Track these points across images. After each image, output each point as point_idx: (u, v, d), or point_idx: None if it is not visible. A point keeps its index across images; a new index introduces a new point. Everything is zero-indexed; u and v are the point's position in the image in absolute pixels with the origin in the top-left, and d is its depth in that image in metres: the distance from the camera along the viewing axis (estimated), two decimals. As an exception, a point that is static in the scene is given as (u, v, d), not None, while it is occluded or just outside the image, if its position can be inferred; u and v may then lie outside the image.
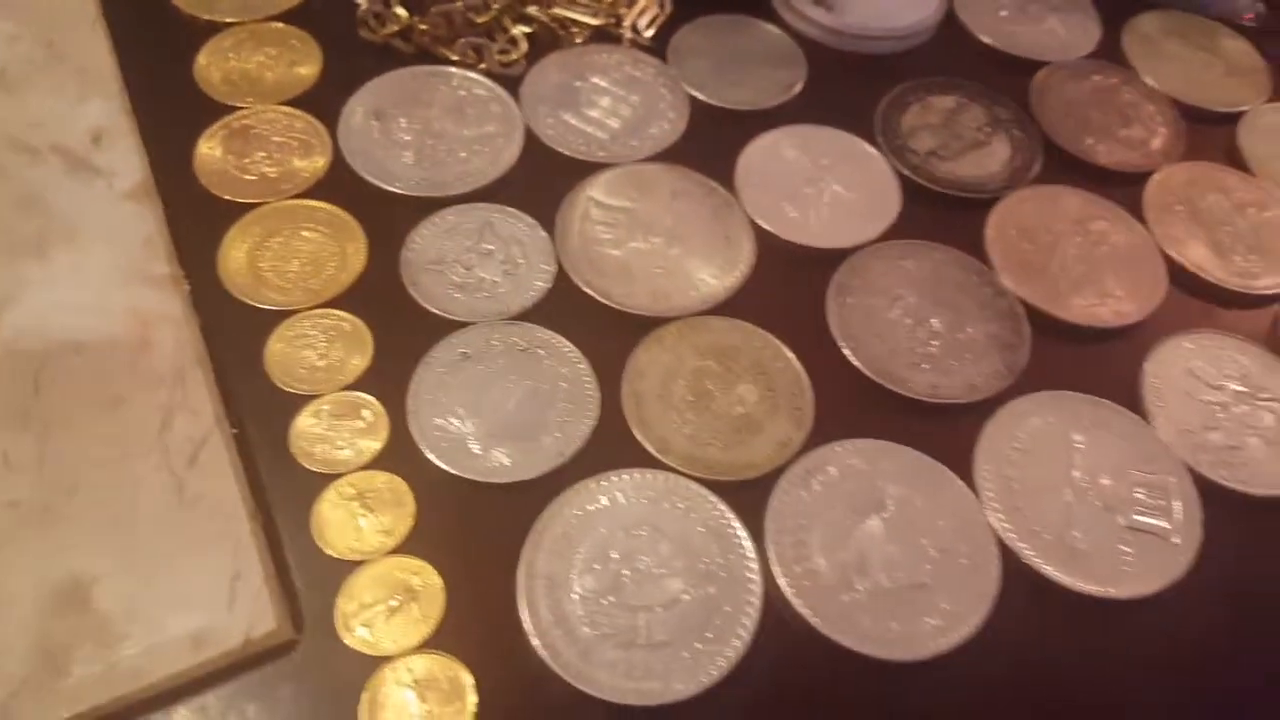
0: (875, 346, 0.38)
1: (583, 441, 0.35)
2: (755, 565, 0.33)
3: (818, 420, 0.36)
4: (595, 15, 0.46)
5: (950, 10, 0.49)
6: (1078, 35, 0.49)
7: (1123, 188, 0.44)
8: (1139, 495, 0.35)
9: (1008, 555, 0.34)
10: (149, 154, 0.41)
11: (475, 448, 0.35)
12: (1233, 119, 0.47)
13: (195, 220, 0.39)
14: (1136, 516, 0.35)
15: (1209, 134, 0.47)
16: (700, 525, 0.34)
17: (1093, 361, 0.39)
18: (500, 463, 0.34)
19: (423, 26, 0.44)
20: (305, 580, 0.32)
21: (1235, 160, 0.46)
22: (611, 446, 0.35)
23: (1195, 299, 0.41)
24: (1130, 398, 0.38)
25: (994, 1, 0.50)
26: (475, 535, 0.33)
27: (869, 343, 0.38)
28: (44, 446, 0.34)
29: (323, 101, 0.43)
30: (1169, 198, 0.44)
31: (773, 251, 0.41)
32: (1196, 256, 0.42)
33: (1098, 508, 0.35)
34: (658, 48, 0.46)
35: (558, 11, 0.46)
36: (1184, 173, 0.44)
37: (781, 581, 0.33)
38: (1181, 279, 0.41)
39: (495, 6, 0.45)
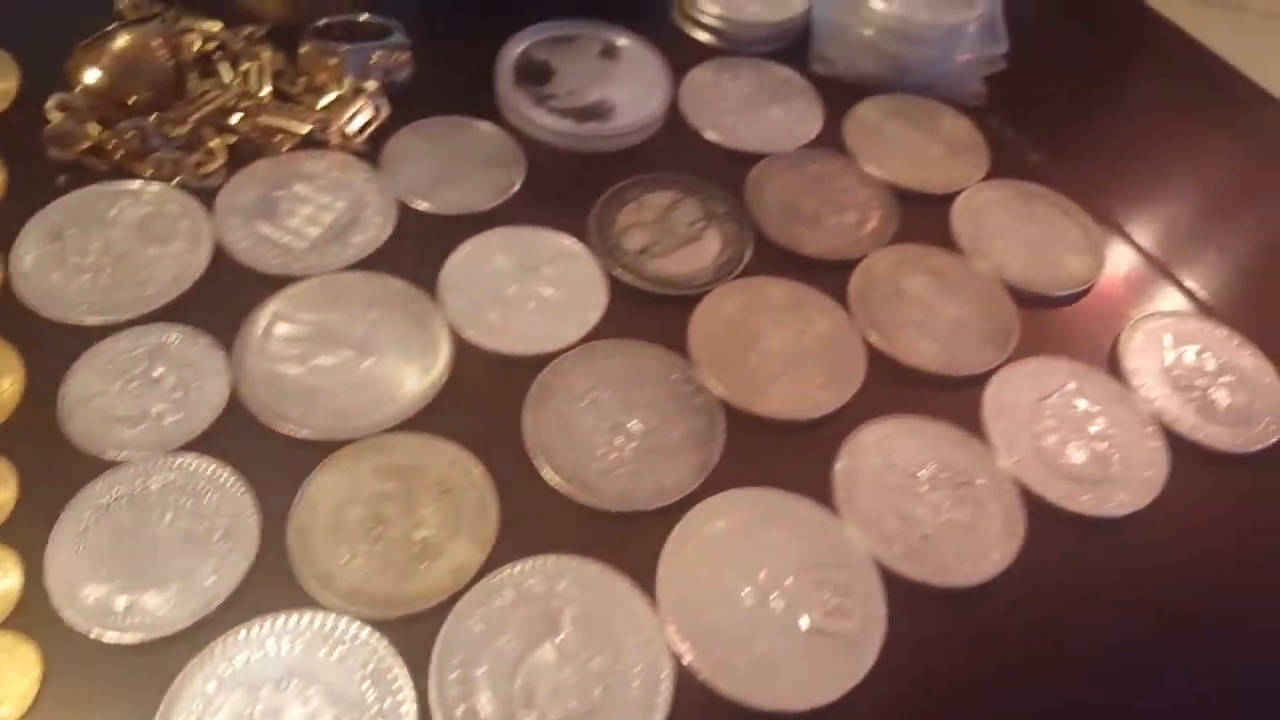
0: (569, 455, 0.37)
1: (236, 586, 0.33)
2: (412, 711, 0.31)
3: (502, 540, 0.35)
4: (303, 122, 0.45)
5: (676, 105, 0.50)
6: (800, 124, 0.51)
7: (832, 275, 0.45)
8: (825, 595, 0.35)
9: (682, 673, 0.33)
10: None
11: (118, 602, 0.32)
12: (951, 199, 0.49)
13: None
14: (819, 618, 0.34)
15: (925, 216, 0.48)
16: (359, 670, 0.32)
17: (789, 455, 0.39)
18: (143, 618, 0.32)
19: (113, 143, 0.43)
20: (-94, 768, 0.30)
21: (949, 241, 0.47)
22: (270, 588, 0.33)
23: (899, 385, 0.42)
24: (825, 491, 0.38)
25: (719, 93, 0.51)
26: (110, 700, 0.31)
27: (562, 452, 0.37)
28: None
29: (2, 225, 0.41)
30: (873, 283, 0.44)
31: (473, 360, 0.40)
32: (899, 341, 0.43)
33: (779, 611, 0.34)
34: (371, 153, 0.46)
35: (264, 120, 0.45)
36: (892, 256, 0.46)
37: (437, 725, 0.31)
38: (885, 365, 0.42)
39: (193, 119, 0.44)
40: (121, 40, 0.43)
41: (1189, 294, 0.48)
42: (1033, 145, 0.53)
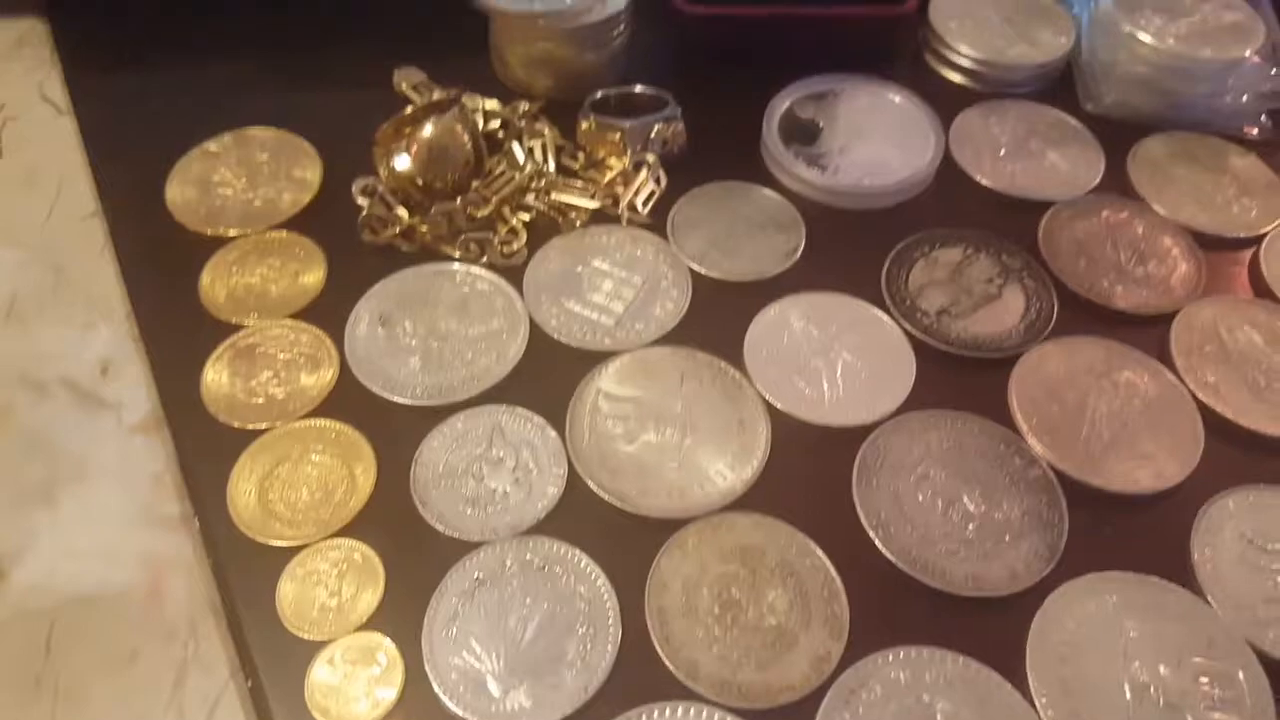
0: (907, 534, 0.36)
1: (606, 673, 0.33)
2: (801, 804, 0.30)
3: (854, 626, 0.34)
4: (593, 198, 0.45)
5: (947, 154, 0.48)
6: (1081, 168, 0.48)
7: (1146, 330, 0.42)
8: (1204, 685, 0.32)
9: (1072, 772, 0.31)
10: (156, 382, 0.41)
11: (494, 688, 0.32)
12: (1253, 243, 0.45)
13: (204, 451, 0.38)
14: (1204, 711, 0.32)
15: (1230, 262, 0.45)
16: (739, 760, 0.31)
17: (1137, 533, 0.36)
18: (521, 704, 0.32)
19: (423, 228, 0.44)
20: None
21: (1261, 288, 0.44)
22: (637, 675, 0.33)
23: (1237, 449, 0.39)
24: (1181, 572, 0.35)
25: (992, 141, 0.49)
26: (502, 790, 0.31)
27: (900, 530, 0.36)
28: (55, 715, 0.32)
29: (329, 310, 0.43)
30: (1197, 338, 0.41)
31: (789, 433, 0.39)
32: (1234, 402, 0.39)
33: (1160, 706, 0.32)
34: (657, 224, 0.46)
35: (556, 198, 0.45)
36: (1209, 309, 0.42)
37: (831, 824, 0.30)
38: (1220, 428, 0.39)
39: (494, 199, 0.44)
40: (430, 128, 0.44)
41: None
42: (1327, 178, 0.49)
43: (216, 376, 0.40)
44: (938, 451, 0.38)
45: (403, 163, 0.43)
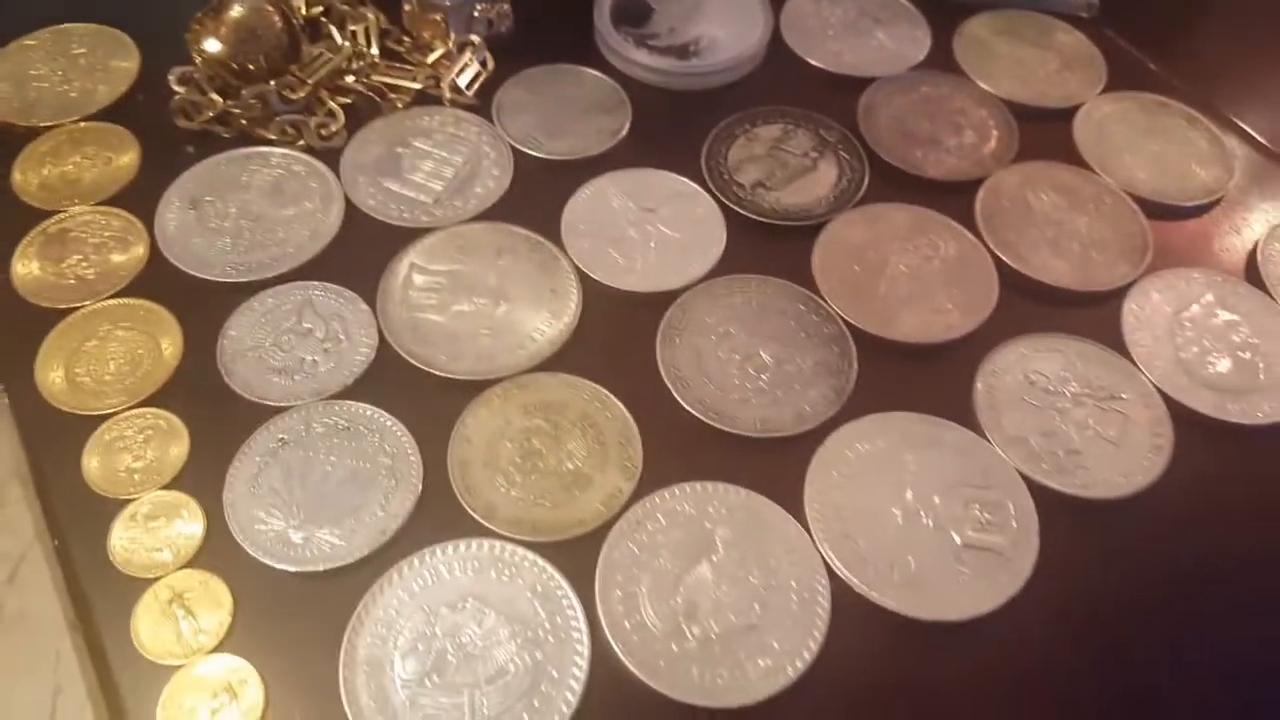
0: (704, 386, 0.41)
1: (406, 517, 0.37)
2: (583, 625, 0.35)
3: (648, 468, 0.39)
4: (415, 79, 0.49)
5: (777, 34, 0.53)
6: (907, 46, 0.53)
7: (955, 197, 0.47)
8: (974, 512, 0.38)
9: (838, 586, 0.36)
10: (-35, 269, 0.44)
11: (296, 536, 0.37)
12: (1069, 114, 0.51)
13: (13, 330, 0.42)
14: (971, 534, 0.37)
15: (1046, 132, 0.50)
16: (528, 590, 0.36)
17: (926, 379, 0.42)
18: (320, 549, 0.36)
19: (236, 110, 0.47)
20: (129, 689, 0.34)
21: (1072, 156, 0.49)
22: (437, 519, 0.38)
23: (1033, 303, 0.44)
24: (964, 413, 0.40)
25: (821, 22, 0.54)
26: (296, 627, 0.35)
27: (698, 383, 0.41)
28: None
29: (142, 196, 0.46)
30: (1001, 202, 0.47)
31: (601, 300, 0.44)
32: (1031, 259, 0.45)
33: (930, 529, 0.37)
34: (482, 105, 0.50)
35: (377, 79, 0.49)
36: (1016, 175, 0.48)
37: (610, 638, 0.35)
38: (1017, 284, 0.44)
39: (310, 82, 0.48)
40: (237, 10, 0.47)
41: (1329, 199, 0.49)
42: (1150, 55, 0.55)
43: (26, 261, 0.44)
44: (740, 312, 0.43)
45: (212, 46, 0.47)
